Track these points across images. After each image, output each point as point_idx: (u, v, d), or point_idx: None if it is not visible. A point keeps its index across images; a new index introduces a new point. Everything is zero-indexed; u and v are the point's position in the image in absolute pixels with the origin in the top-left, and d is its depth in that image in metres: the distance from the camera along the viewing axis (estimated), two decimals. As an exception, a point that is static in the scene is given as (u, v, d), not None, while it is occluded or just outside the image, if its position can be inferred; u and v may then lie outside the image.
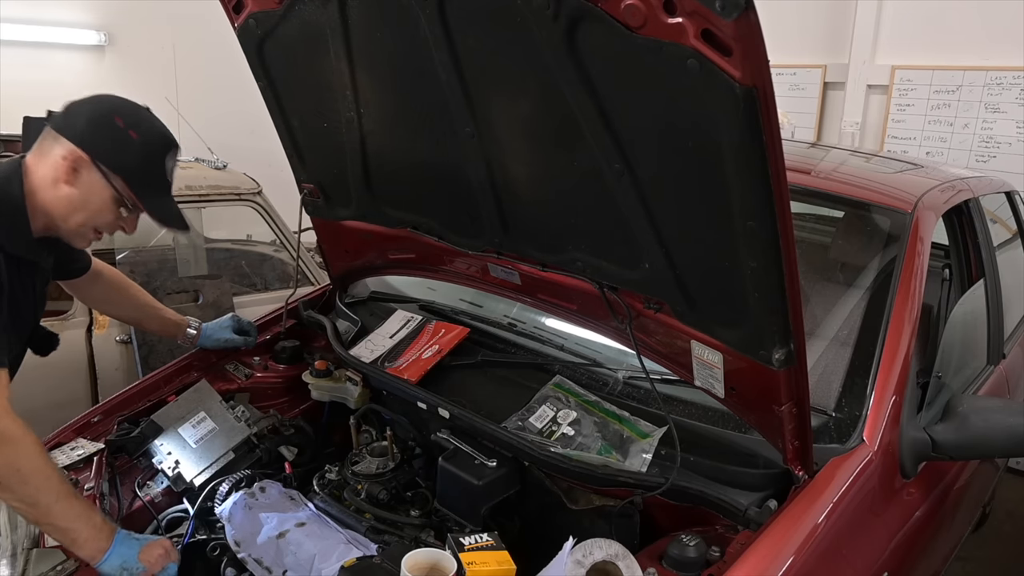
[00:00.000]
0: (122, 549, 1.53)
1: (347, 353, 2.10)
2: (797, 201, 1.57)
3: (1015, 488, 3.81)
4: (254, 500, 1.81)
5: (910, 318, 1.80)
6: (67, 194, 1.59)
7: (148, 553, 1.56)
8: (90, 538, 1.51)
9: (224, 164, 3.79)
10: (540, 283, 1.83)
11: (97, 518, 1.54)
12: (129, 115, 1.64)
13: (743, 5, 0.96)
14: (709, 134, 1.14)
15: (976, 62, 4.12)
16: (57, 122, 1.62)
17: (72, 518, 1.50)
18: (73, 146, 1.57)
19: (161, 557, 1.58)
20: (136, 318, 2.25)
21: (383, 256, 2.25)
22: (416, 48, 1.49)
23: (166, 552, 1.60)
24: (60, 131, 1.60)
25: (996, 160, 4.13)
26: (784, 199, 1.14)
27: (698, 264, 1.41)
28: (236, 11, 1.79)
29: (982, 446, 1.73)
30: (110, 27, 6.06)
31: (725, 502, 1.48)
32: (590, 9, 1.14)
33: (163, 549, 1.59)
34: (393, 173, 1.91)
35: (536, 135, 1.52)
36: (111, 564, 1.52)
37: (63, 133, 1.59)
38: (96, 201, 1.62)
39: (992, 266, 2.49)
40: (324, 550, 1.64)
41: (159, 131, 1.68)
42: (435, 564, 1.37)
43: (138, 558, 1.54)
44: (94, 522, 1.53)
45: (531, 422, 1.75)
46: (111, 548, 1.52)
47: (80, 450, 1.86)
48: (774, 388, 1.38)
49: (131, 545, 1.55)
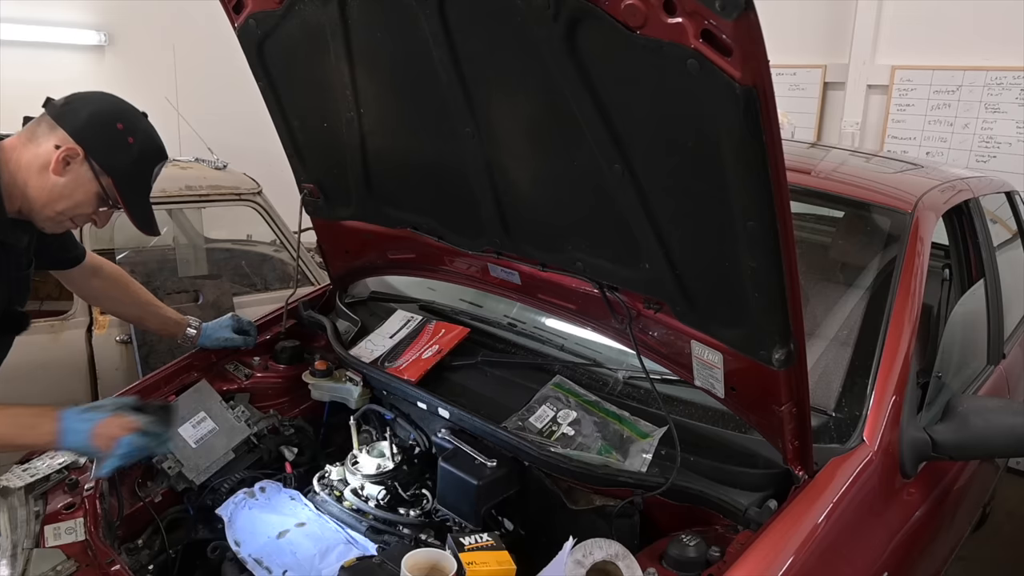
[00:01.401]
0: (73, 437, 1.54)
1: (347, 353, 2.10)
2: (797, 201, 1.57)
3: (1015, 488, 3.81)
4: (254, 500, 1.81)
5: (910, 318, 1.80)
6: (53, 182, 1.61)
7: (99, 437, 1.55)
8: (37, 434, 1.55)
9: (224, 164, 3.79)
10: (540, 283, 1.83)
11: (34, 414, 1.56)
12: (130, 121, 1.67)
13: (743, 5, 0.96)
14: (709, 134, 1.14)
15: (976, 62, 4.12)
16: (56, 111, 1.63)
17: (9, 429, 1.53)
18: (70, 138, 1.59)
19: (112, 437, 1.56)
20: (137, 316, 2.25)
21: (383, 256, 2.25)
22: (416, 48, 1.49)
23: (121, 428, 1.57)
24: (58, 120, 1.61)
25: (996, 160, 4.13)
26: (784, 199, 1.14)
27: (698, 264, 1.41)
28: (236, 11, 1.79)
29: (982, 446, 1.73)
30: (110, 27, 6.06)
31: (725, 502, 1.49)
32: (590, 9, 1.14)
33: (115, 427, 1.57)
34: (393, 173, 1.91)
35: (536, 135, 1.52)
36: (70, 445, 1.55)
37: (61, 123, 1.61)
38: (80, 195, 1.64)
39: (992, 266, 2.49)
40: (324, 550, 1.64)
41: (154, 141, 1.72)
42: (435, 564, 1.37)
43: (90, 441, 1.54)
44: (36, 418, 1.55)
45: (531, 422, 1.75)
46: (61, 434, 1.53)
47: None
48: (774, 388, 1.38)
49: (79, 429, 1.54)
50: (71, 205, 1.65)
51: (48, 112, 1.64)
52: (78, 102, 1.65)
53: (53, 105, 1.65)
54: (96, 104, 1.66)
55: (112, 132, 1.63)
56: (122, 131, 1.64)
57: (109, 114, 1.65)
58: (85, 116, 1.62)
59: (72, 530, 1.65)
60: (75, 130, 1.60)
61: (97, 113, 1.64)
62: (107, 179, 1.64)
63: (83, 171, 1.62)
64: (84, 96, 1.67)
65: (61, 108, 1.63)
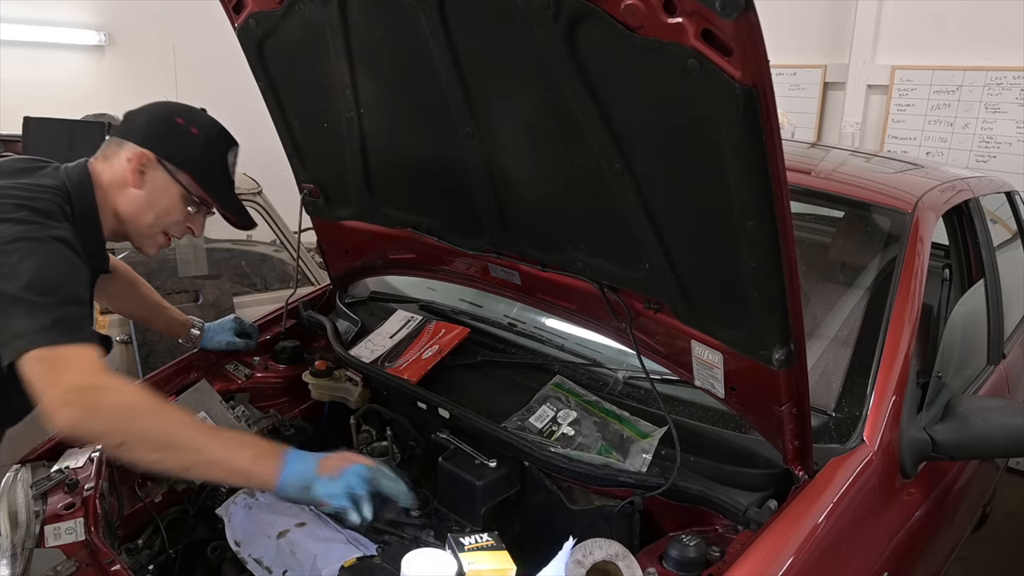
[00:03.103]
0: (298, 465, 1.37)
1: (347, 353, 2.10)
2: (797, 201, 1.57)
3: (1015, 488, 3.81)
4: (254, 500, 1.81)
5: (910, 318, 1.80)
6: (135, 196, 1.62)
7: (327, 466, 1.40)
8: (252, 470, 1.35)
9: (224, 164, 3.79)
10: (540, 283, 1.83)
11: (256, 439, 1.47)
12: (188, 114, 1.69)
13: (743, 5, 0.96)
14: (709, 134, 1.14)
15: (976, 62, 4.12)
16: (118, 129, 1.67)
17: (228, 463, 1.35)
18: (137, 147, 1.61)
19: (337, 466, 1.41)
20: (144, 316, 2.26)
21: (383, 256, 2.25)
22: (416, 48, 1.49)
23: (347, 460, 1.43)
24: (122, 135, 1.64)
25: (996, 160, 4.13)
26: (784, 199, 1.14)
27: (698, 264, 1.41)
28: (236, 11, 1.79)
29: (982, 446, 1.73)
30: (110, 27, 6.05)
31: (725, 502, 1.48)
32: (590, 9, 1.14)
33: (343, 459, 1.43)
34: (393, 173, 1.91)
35: (536, 135, 1.52)
36: (290, 482, 1.36)
37: (125, 136, 1.64)
38: (164, 200, 1.65)
39: (992, 266, 2.49)
40: (324, 550, 1.64)
41: (218, 127, 1.73)
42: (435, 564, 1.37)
43: (316, 472, 1.38)
44: (256, 441, 1.42)
45: (531, 422, 1.75)
46: (286, 465, 1.36)
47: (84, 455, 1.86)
48: (774, 388, 1.38)
49: (306, 459, 1.39)
50: (159, 213, 1.66)
51: (112, 133, 1.67)
52: (134, 113, 1.69)
53: (116, 127, 1.69)
54: (151, 109, 1.69)
55: (173, 127, 1.65)
56: (183, 124, 1.65)
57: (165, 113, 1.67)
58: (143, 121, 1.65)
59: (72, 530, 1.65)
60: (139, 137, 1.62)
61: (154, 115, 1.67)
62: (184, 175, 1.65)
63: (160, 175, 1.63)
64: (139, 108, 1.70)
65: (122, 125, 1.67)
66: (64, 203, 1.53)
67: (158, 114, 1.68)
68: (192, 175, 1.66)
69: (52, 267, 1.36)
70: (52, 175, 1.61)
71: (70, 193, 1.57)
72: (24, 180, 1.55)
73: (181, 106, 1.73)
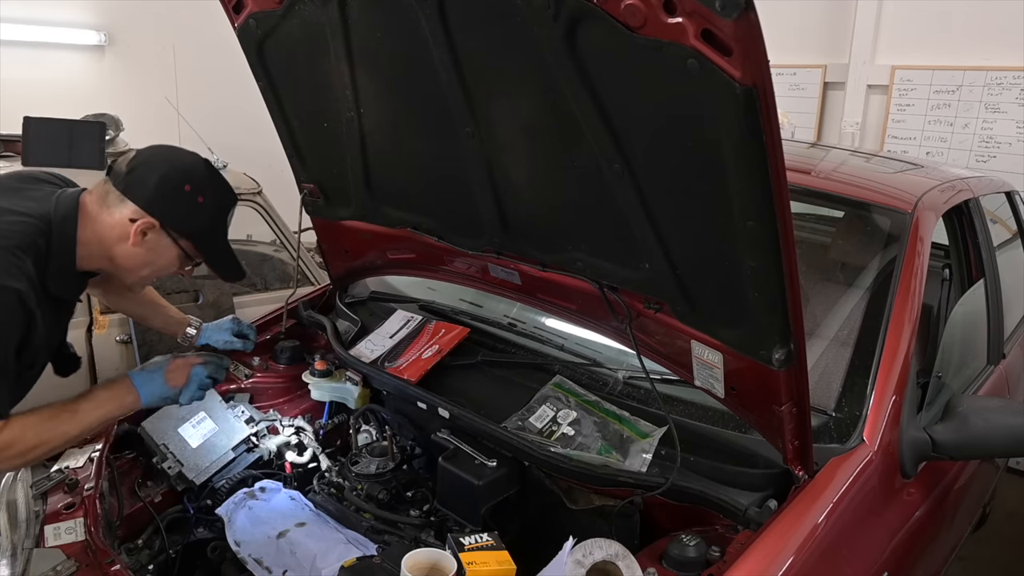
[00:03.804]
0: (149, 389, 1.70)
1: (347, 353, 2.10)
2: (797, 201, 1.57)
3: (1015, 488, 3.81)
4: (254, 500, 1.81)
5: (910, 318, 1.79)
6: (133, 252, 1.63)
7: (172, 376, 1.73)
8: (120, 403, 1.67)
9: (224, 164, 3.79)
10: (540, 283, 1.83)
11: (109, 389, 1.68)
12: (196, 178, 1.67)
13: (743, 5, 0.96)
14: (709, 134, 1.14)
15: (976, 62, 4.12)
16: (121, 181, 1.62)
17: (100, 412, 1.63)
18: (142, 211, 1.60)
19: (183, 372, 1.74)
20: (142, 314, 2.26)
21: (383, 256, 2.25)
22: (416, 48, 1.49)
23: (186, 364, 1.76)
24: (126, 193, 1.61)
25: (996, 160, 4.13)
26: (784, 199, 1.14)
27: (698, 264, 1.41)
28: (236, 11, 1.79)
29: (982, 446, 1.73)
30: (110, 27, 6.06)
31: (725, 502, 1.48)
32: (590, 9, 1.14)
33: (181, 365, 1.75)
34: (393, 173, 1.91)
35: (536, 135, 1.52)
36: (152, 402, 1.72)
37: (129, 195, 1.60)
38: (162, 260, 1.69)
39: (992, 266, 2.49)
40: (324, 550, 1.64)
41: (224, 190, 1.73)
42: (435, 564, 1.37)
43: (167, 385, 1.72)
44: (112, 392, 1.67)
45: (531, 422, 1.75)
46: (140, 394, 1.69)
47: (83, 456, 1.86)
48: (774, 388, 1.38)
49: (152, 379, 1.71)
50: (155, 269, 1.71)
51: (113, 183, 1.62)
52: (143, 169, 1.63)
53: (117, 174, 1.63)
54: (161, 168, 1.64)
55: (182, 197, 1.63)
56: (191, 192, 1.64)
57: (176, 178, 1.64)
58: (153, 185, 1.61)
59: (72, 530, 1.65)
60: (146, 202, 1.60)
61: (164, 180, 1.62)
62: (186, 242, 1.67)
63: (161, 239, 1.64)
64: (147, 160, 1.65)
65: (126, 178, 1.61)
66: (39, 235, 1.53)
67: (167, 179, 1.63)
68: (193, 243, 1.69)
69: None
70: (39, 200, 1.59)
71: (51, 224, 1.56)
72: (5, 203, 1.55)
73: (189, 165, 1.69)
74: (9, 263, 1.45)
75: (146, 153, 1.68)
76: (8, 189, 1.62)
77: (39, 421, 1.55)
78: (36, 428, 1.54)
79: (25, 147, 3.33)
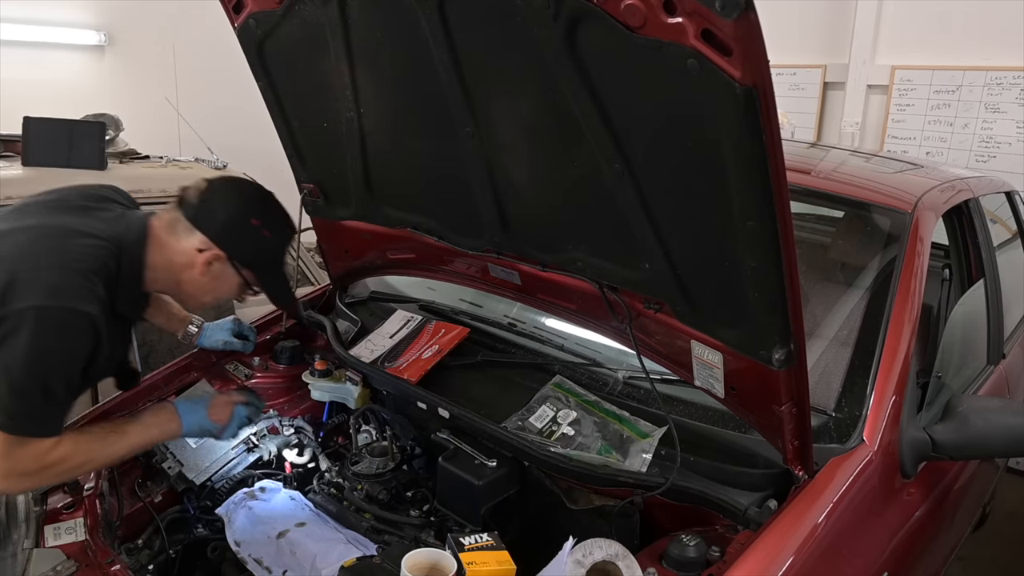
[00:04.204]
0: (191, 419, 1.76)
1: (347, 353, 2.10)
2: (797, 201, 1.57)
3: (1015, 488, 3.81)
4: (254, 500, 1.81)
5: (910, 318, 1.79)
6: (199, 280, 1.69)
7: (215, 412, 1.80)
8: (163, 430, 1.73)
9: (224, 164, 3.79)
10: (540, 283, 1.83)
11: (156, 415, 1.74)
12: (262, 212, 1.72)
13: (743, 5, 0.96)
14: (709, 134, 1.14)
15: (976, 62, 4.11)
16: (191, 211, 1.66)
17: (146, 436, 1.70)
18: (211, 243, 1.65)
19: (226, 410, 1.82)
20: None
21: (383, 256, 2.25)
22: (416, 48, 1.49)
23: (229, 402, 1.83)
24: (195, 224, 1.65)
25: (996, 160, 4.13)
26: (784, 199, 1.14)
27: (698, 264, 1.41)
28: (236, 11, 1.79)
29: (982, 446, 1.73)
30: (110, 27, 6.06)
31: (725, 502, 1.48)
32: (590, 9, 1.14)
33: (225, 402, 1.83)
34: (393, 173, 1.91)
35: (536, 135, 1.52)
36: (191, 433, 1.78)
37: (199, 227, 1.65)
38: (224, 288, 1.75)
39: (992, 266, 2.49)
40: (324, 550, 1.64)
41: (286, 224, 1.78)
42: (435, 564, 1.37)
43: (209, 419, 1.78)
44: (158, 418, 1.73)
45: (531, 422, 1.75)
46: (182, 423, 1.74)
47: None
48: (774, 388, 1.38)
49: (196, 411, 1.77)
50: (217, 296, 1.78)
51: (183, 212, 1.66)
52: (213, 201, 1.67)
53: (187, 204, 1.67)
54: (231, 202, 1.70)
55: (249, 231, 1.69)
56: (257, 227, 1.69)
57: (244, 212, 1.69)
58: (222, 219, 1.66)
59: (72, 530, 1.65)
60: (215, 235, 1.65)
61: (233, 214, 1.68)
62: (248, 272, 1.73)
63: (226, 269, 1.69)
64: (217, 192, 1.69)
65: (196, 210, 1.66)
66: (110, 258, 1.57)
67: (237, 214, 1.69)
68: (255, 273, 1.74)
69: (50, 354, 1.46)
70: (108, 221, 1.64)
71: (122, 247, 1.61)
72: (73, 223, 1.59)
73: (256, 198, 1.74)
74: (83, 287, 1.49)
75: (217, 184, 1.72)
76: (76, 208, 1.65)
77: (90, 440, 1.61)
78: (87, 447, 1.59)
79: (25, 147, 3.33)
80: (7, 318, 1.43)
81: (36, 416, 1.48)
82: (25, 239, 1.54)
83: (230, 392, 1.92)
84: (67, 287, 1.48)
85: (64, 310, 1.46)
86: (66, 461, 1.54)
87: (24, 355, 1.42)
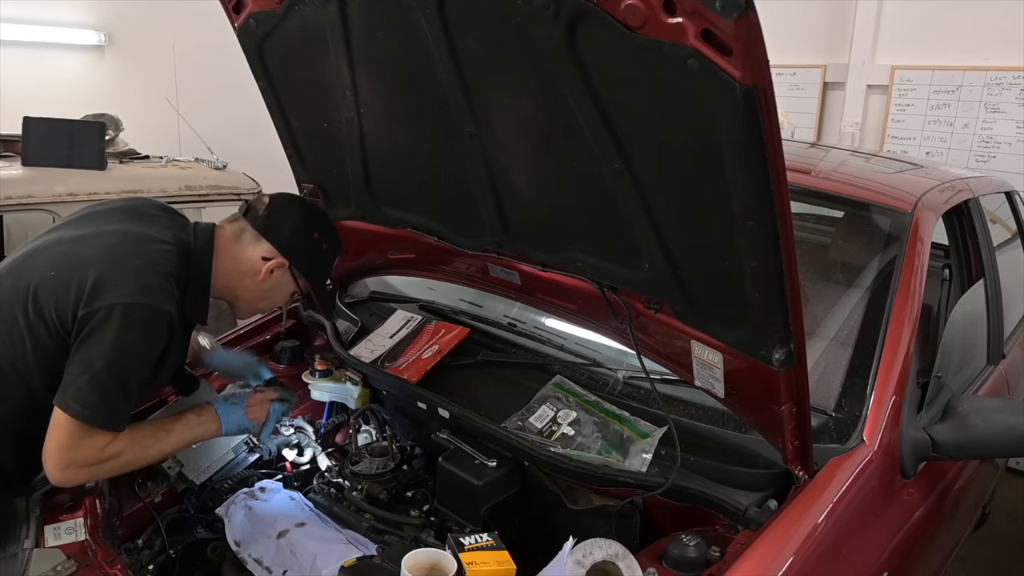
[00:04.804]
0: (231, 419, 1.79)
1: (347, 353, 2.10)
2: (797, 201, 1.57)
3: (1015, 488, 3.81)
4: (254, 500, 1.81)
5: (910, 318, 1.80)
6: (260, 287, 1.79)
7: (252, 411, 1.83)
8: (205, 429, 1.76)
9: (224, 164, 3.80)
10: (540, 283, 1.83)
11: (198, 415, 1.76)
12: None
13: (743, 5, 0.96)
14: (709, 134, 1.14)
15: (976, 62, 4.11)
16: (259, 222, 1.76)
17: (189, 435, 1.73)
18: (277, 252, 1.75)
19: (263, 408, 1.85)
20: None
21: (383, 256, 2.25)
22: (416, 48, 1.49)
23: (265, 400, 1.87)
24: (263, 233, 1.76)
25: (996, 160, 4.13)
26: (784, 199, 1.14)
27: (698, 264, 1.41)
28: (236, 11, 1.79)
29: (982, 446, 1.73)
30: (110, 27, 6.06)
31: (725, 502, 1.49)
32: (590, 9, 1.14)
33: (261, 400, 1.86)
34: (393, 173, 1.91)
35: (536, 135, 1.52)
36: (230, 432, 1.81)
37: (267, 237, 1.75)
38: (280, 294, 1.85)
39: (992, 266, 2.49)
40: (324, 550, 1.64)
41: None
42: (435, 564, 1.37)
43: (247, 418, 1.82)
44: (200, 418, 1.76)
45: (531, 422, 1.75)
46: (222, 423, 1.77)
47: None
48: (774, 388, 1.38)
49: (234, 411, 1.80)
50: (271, 301, 1.87)
51: (250, 222, 1.77)
52: (280, 214, 1.78)
53: (255, 215, 1.77)
54: (296, 216, 1.81)
55: (312, 244, 1.81)
56: (318, 240, 1.82)
57: (309, 226, 1.81)
58: (289, 230, 1.77)
59: (72, 530, 1.65)
60: (281, 245, 1.76)
61: (299, 227, 1.80)
62: (303, 281, 1.84)
63: (285, 277, 1.80)
64: (283, 207, 1.80)
65: (265, 220, 1.76)
66: (182, 264, 1.65)
67: (303, 227, 1.80)
68: (311, 282, 1.86)
69: (132, 349, 1.53)
70: (175, 228, 1.71)
71: (191, 254, 1.69)
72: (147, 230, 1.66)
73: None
74: (164, 287, 1.58)
75: (280, 199, 1.82)
76: (148, 216, 1.72)
77: (143, 437, 1.65)
78: (140, 443, 1.63)
79: (25, 147, 3.33)
80: (95, 313, 1.50)
81: (110, 409, 1.53)
82: (111, 242, 1.61)
83: (264, 389, 1.94)
84: (151, 287, 1.55)
85: (147, 307, 1.53)
86: (120, 456, 1.57)
87: (109, 349, 1.49)
